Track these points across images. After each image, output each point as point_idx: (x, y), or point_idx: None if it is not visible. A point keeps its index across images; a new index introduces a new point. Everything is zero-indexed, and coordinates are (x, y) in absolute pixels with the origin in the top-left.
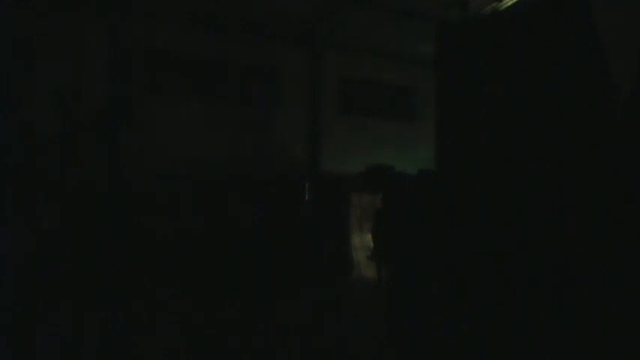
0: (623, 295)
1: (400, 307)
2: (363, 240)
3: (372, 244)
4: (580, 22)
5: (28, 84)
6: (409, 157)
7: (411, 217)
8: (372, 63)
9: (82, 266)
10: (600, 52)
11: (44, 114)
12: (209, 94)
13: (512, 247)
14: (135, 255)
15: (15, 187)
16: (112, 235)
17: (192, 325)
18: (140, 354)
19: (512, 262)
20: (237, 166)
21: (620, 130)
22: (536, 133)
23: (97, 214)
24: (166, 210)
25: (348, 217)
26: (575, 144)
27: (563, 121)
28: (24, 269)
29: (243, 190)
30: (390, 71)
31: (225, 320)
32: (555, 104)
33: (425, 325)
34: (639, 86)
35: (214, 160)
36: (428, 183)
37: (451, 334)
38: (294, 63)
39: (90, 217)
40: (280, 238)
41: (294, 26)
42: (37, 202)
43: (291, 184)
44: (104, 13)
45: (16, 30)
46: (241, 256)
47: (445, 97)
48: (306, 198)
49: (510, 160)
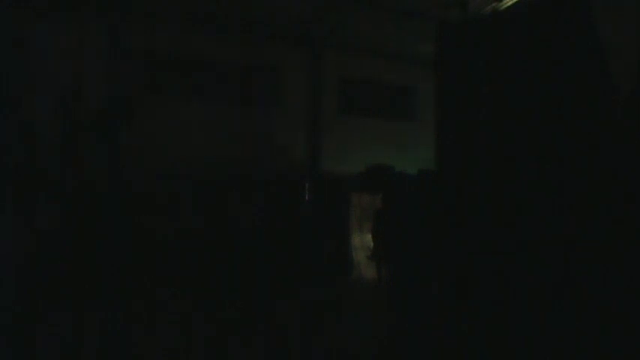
0: (623, 295)
1: (400, 307)
2: (363, 240)
3: (372, 244)
4: (580, 22)
5: (28, 84)
6: (409, 157)
7: (411, 217)
8: (372, 63)
9: (82, 266)
10: (600, 52)
11: (44, 114)
12: (209, 94)
13: (512, 247)
14: (135, 255)
15: (15, 187)
16: (112, 235)
17: (192, 325)
18: (140, 354)
19: (512, 262)
20: (237, 166)
21: (620, 130)
22: (536, 133)
23: (97, 214)
24: (166, 210)
25: (348, 217)
26: (575, 144)
27: (563, 121)
28: (24, 269)
29: (243, 190)
30: (390, 71)
31: (225, 320)
32: (555, 104)
33: (425, 325)
34: (639, 86)
35: (214, 160)
36: (428, 183)
37: (451, 334)
38: (294, 63)
39: (90, 217)
40: (280, 238)
41: (294, 26)
42: (37, 202)
43: (291, 184)
44: (104, 13)
45: (16, 30)
46: (241, 256)
47: (445, 97)
48: (306, 198)
49: (510, 160)
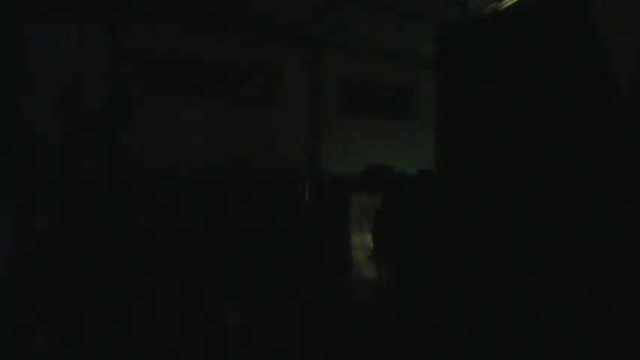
0: (623, 295)
1: (400, 307)
2: (363, 240)
3: (372, 244)
4: (580, 22)
5: (28, 84)
6: (409, 157)
7: (411, 217)
8: (372, 63)
9: (82, 266)
10: (600, 52)
11: (44, 114)
12: (209, 94)
13: (512, 247)
14: (135, 255)
15: (15, 187)
16: (112, 235)
17: (192, 325)
18: (140, 354)
19: (512, 262)
20: (237, 166)
21: (620, 130)
22: (536, 133)
23: (97, 214)
24: (166, 210)
25: (348, 217)
26: (575, 144)
27: (563, 121)
28: (24, 269)
29: (243, 190)
30: (390, 71)
31: (225, 320)
32: (555, 104)
33: (425, 325)
34: (639, 86)
35: (214, 160)
36: (428, 183)
37: (451, 333)
38: (294, 63)
39: (90, 217)
40: (280, 238)
41: (294, 26)
42: (37, 202)
43: (291, 184)
44: (104, 13)
45: (16, 30)
46: (241, 256)
47: (445, 97)
48: (306, 198)
49: (510, 160)
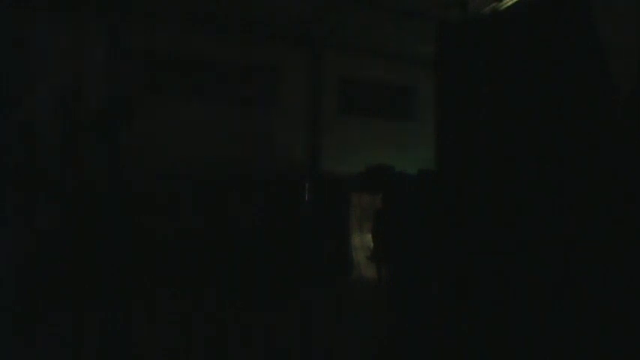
0: (623, 295)
1: (400, 307)
2: (363, 240)
3: (372, 244)
4: (580, 22)
5: (28, 84)
6: (409, 157)
7: (411, 217)
8: (372, 63)
9: (82, 266)
10: (600, 52)
11: (44, 114)
12: (209, 94)
13: (513, 247)
14: (135, 255)
15: (15, 187)
16: (112, 235)
17: (192, 325)
18: (140, 354)
19: (512, 262)
20: (237, 166)
21: (620, 130)
22: (536, 133)
23: (97, 214)
24: (166, 210)
25: (348, 217)
26: (575, 144)
27: (563, 121)
28: (24, 269)
29: (243, 190)
30: (390, 71)
31: (225, 320)
32: (555, 104)
33: (425, 325)
34: (639, 86)
35: (214, 160)
36: (428, 183)
37: (451, 333)
38: (294, 63)
39: (90, 217)
40: (280, 238)
41: (294, 26)
42: (37, 202)
43: (291, 184)
44: (104, 13)
45: (16, 30)
46: (241, 256)
47: (445, 97)
48: (306, 198)
49: (510, 160)
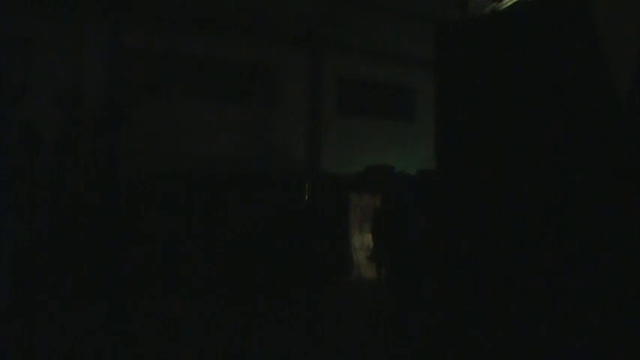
0: (623, 295)
1: (400, 307)
2: (363, 240)
3: (372, 244)
4: (580, 22)
5: (28, 84)
6: (409, 157)
7: (411, 217)
8: (372, 63)
9: (82, 266)
10: (600, 52)
11: (44, 114)
12: (209, 94)
13: (512, 247)
14: (135, 255)
15: (15, 187)
16: (111, 235)
17: (192, 325)
18: (140, 354)
19: (512, 262)
20: (238, 166)
21: (620, 130)
22: (536, 132)
23: (96, 214)
24: (166, 210)
25: (348, 217)
26: (575, 144)
27: (562, 121)
28: (24, 270)
29: (243, 190)
30: (390, 71)
31: (226, 320)
32: (555, 104)
33: (425, 325)
34: (639, 86)
35: (215, 160)
36: (428, 183)
37: (451, 333)
38: (294, 63)
39: (89, 217)
40: (280, 238)
41: (294, 26)
42: (37, 202)
43: (291, 184)
44: (104, 13)
45: (16, 30)
46: (241, 256)
47: (445, 97)
48: (306, 198)
49: (510, 160)
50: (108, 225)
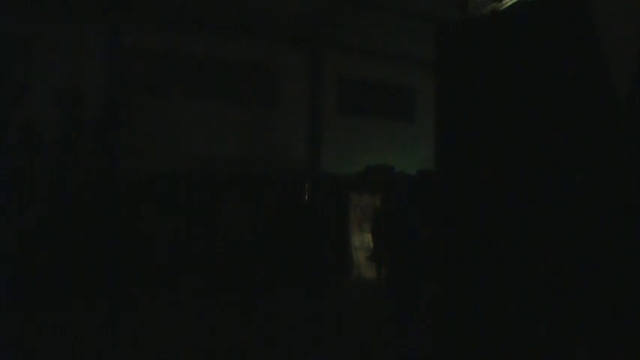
0: (623, 295)
1: (401, 307)
2: (363, 240)
3: (372, 244)
4: (580, 22)
5: (28, 84)
6: (409, 157)
7: (411, 217)
8: (372, 63)
9: (82, 266)
10: (600, 52)
11: (44, 114)
12: (209, 93)
13: (513, 247)
14: (135, 255)
15: (15, 187)
16: (111, 235)
17: (192, 325)
18: (140, 354)
19: (512, 262)
20: (237, 166)
21: (620, 130)
22: (536, 133)
23: (96, 214)
24: (166, 210)
25: (348, 217)
26: (575, 144)
27: (562, 121)
28: (23, 269)
29: (243, 190)
30: (390, 71)
31: (225, 320)
32: (555, 104)
33: (425, 325)
34: (639, 86)
35: (214, 160)
36: (428, 183)
37: (451, 333)
38: (294, 63)
39: (89, 217)
40: (280, 238)
41: (294, 26)
42: (37, 202)
43: (291, 184)
44: (104, 13)
45: (16, 30)
46: (241, 257)
47: (445, 97)
48: (306, 198)
49: (510, 160)
50: (108, 225)
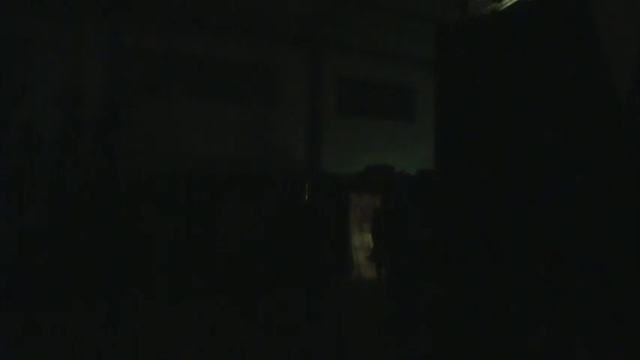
0: (623, 295)
1: (401, 307)
2: (363, 240)
3: (372, 244)
4: (580, 22)
5: (28, 84)
6: (409, 157)
7: (411, 217)
8: (372, 63)
9: (82, 266)
10: (600, 52)
11: (44, 114)
12: (209, 93)
13: (513, 247)
14: (135, 255)
15: (15, 187)
16: (111, 236)
17: (192, 325)
18: (140, 354)
19: (512, 262)
20: (238, 166)
21: (620, 130)
22: (536, 133)
23: (96, 214)
24: (166, 210)
25: (348, 217)
26: (575, 144)
27: (562, 121)
28: (23, 269)
29: (243, 190)
30: (390, 71)
31: (225, 320)
32: (555, 104)
33: (425, 325)
34: (638, 86)
35: (214, 160)
36: (428, 183)
37: (451, 333)
38: (294, 63)
39: (89, 217)
40: (280, 238)
41: (294, 26)
42: (37, 202)
43: (291, 184)
44: (104, 13)
45: (16, 30)
46: (241, 257)
47: (445, 97)
48: (306, 198)
49: (510, 160)
50: (108, 225)
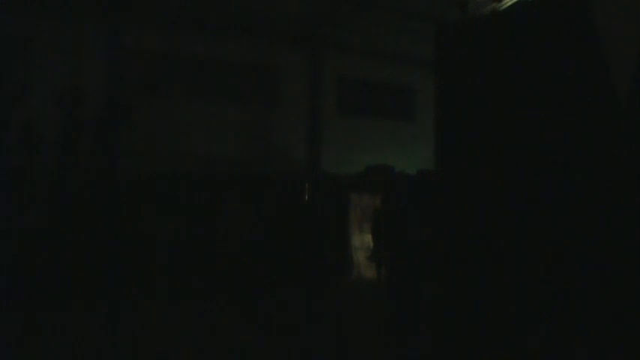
0: (622, 295)
1: (401, 307)
2: (363, 240)
3: (372, 244)
4: (580, 22)
5: (28, 84)
6: (409, 157)
7: (411, 217)
8: (372, 63)
9: (82, 266)
10: (600, 52)
11: (44, 114)
12: (209, 93)
13: (513, 247)
14: (135, 255)
15: (15, 187)
16: (111, 236)
17: (192, 325)
18: (140, 354)
19: (512, 262)
20: (238, 166)
21: (620, 130)
22: (537, 132)
23: (96, 214)
24: (166, 210)
25: (348, 217)
26: (575, 144)
27: (562, 121)
28: (23, 269)
29: (243, 190)
30: (390, 71)
31: (225, 320)
32: (555, 104)
33: (425, 325)
34: (638, 86)
35: (214, 160)
36: (428, 183)
37: (451, 333)
38: (294, 63)
39: (89, 217)
40: (280, 238)
41: (294, 26)
42: (37, 202)
43: (291, 184)
44: (104, 13)
45: (16, 30)
46: (241, 257)
47: (445, 97)
48: (306, 198)
49: (510, 160)
50: (108, 225)
